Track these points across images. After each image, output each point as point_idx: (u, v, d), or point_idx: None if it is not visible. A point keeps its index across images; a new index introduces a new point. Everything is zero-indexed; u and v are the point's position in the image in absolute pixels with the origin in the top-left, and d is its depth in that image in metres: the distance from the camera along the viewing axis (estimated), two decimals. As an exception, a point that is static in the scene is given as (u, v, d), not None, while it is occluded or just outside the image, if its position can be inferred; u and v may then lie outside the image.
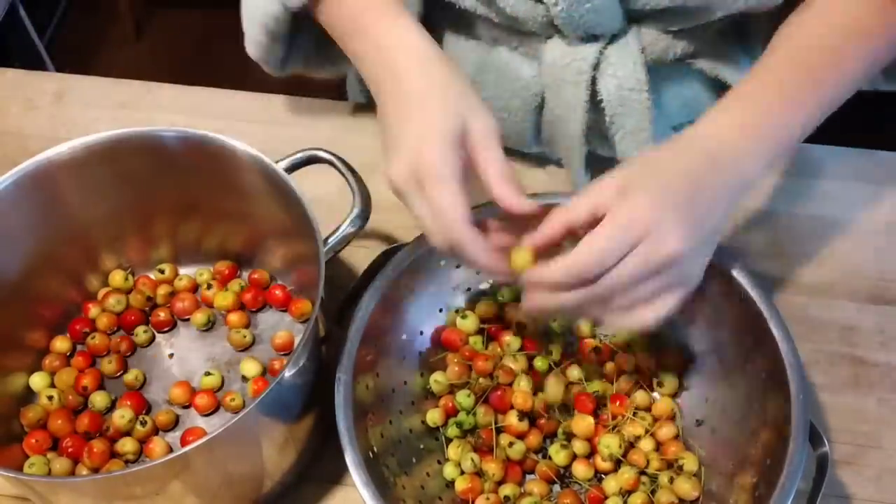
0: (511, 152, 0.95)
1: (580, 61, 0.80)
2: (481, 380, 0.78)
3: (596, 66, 0.80)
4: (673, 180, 0.63)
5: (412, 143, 0.65)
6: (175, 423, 0.80)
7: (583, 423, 0.76)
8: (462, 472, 0.75)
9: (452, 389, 0.78)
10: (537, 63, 0.83)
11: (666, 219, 0.61)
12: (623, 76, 0.80)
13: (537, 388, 0.78)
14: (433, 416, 0.77)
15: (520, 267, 0.65)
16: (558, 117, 0.84)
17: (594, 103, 0.82)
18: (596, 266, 0.61)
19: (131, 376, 0.81)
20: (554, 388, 0.76)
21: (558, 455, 0.75)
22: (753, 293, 0.72)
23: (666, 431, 0.76)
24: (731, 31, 0.84)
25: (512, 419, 0.76)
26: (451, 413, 0.78)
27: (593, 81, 0.81)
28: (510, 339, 0.80)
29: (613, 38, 0.80)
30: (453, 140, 0.64)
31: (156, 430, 0.79)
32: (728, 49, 0.84)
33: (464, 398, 0.77)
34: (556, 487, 0.76)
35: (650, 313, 0.64)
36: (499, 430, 0.77)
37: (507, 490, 0.74)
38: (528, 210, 0.65)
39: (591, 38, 0.79)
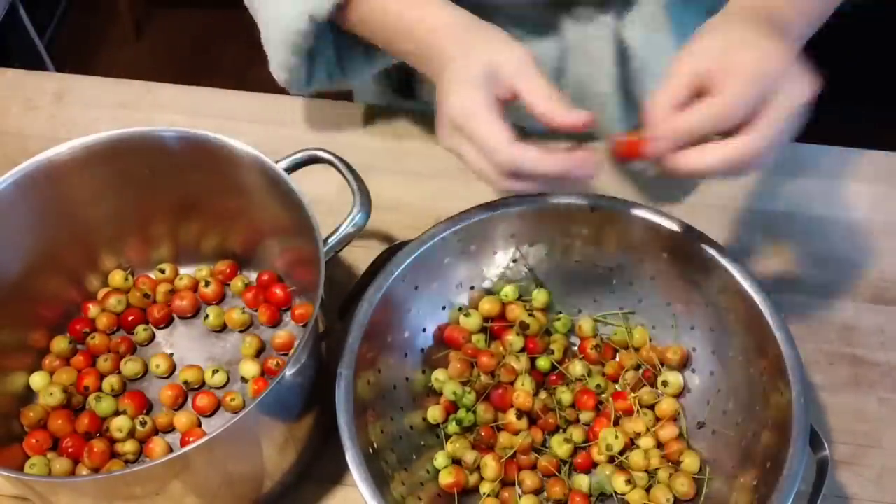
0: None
1: (603, 13, 0.81)
2: (482, 377, 0.78)
3: (618, 17, 0.81)
4: (767, 35, 0.62)
5: (443, 99, 0.66)
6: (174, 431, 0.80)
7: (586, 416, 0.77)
8: (453, 462, 0.75)
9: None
10: (552, 40, 0.83)
11: (791, 67, 0.61)
12: (647, 20, 0.81)
13: (539, 387, 0.79)
14: (434, 414, 0.77)
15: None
16: (587, 76, 0.84)
17: (620, 55, 0.83)
18: (735, 113, 0.59)
19: (130, 369, 0.82)
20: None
21: (560, 448, 0.76)
22: (755, 294, 0.72)
23: (668, 431, 0.76)
24: None
25: (511, 417, 0.76)
26: (451, 410, 0.78)
27: (618, 33, 0.82)
28: (513, 339, 0.80)
29: None
30: (479, 82, 0.65)
31: (156, 431, 0.79)
32: None
33: (463, 394, 0.77)
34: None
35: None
36: (498, 429, 0.77)
37: (486, 487, 0.74)
38: (582, 120, 0.64)
39: None
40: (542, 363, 0.79)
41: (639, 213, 0.76)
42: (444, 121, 0.67)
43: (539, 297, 0.82)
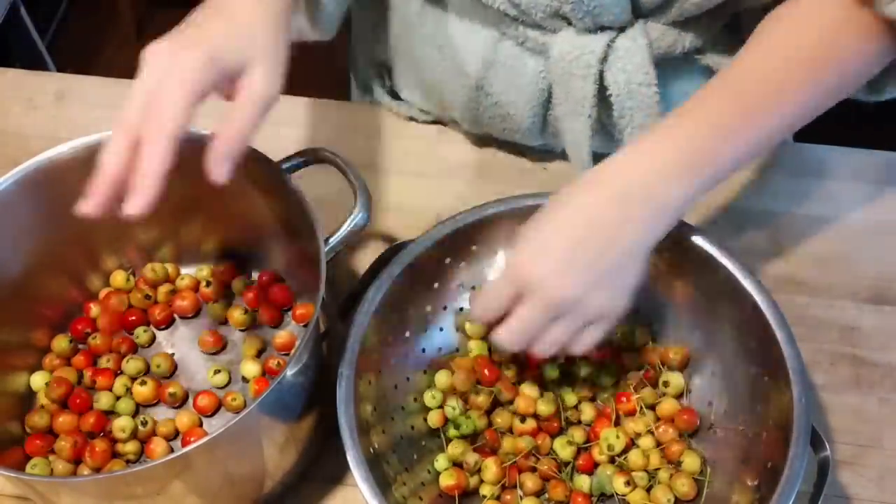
0: (515, 145, 0.95)
1: (588, 54, 0.80)
2: (482, 397, 0.77)
3: (604, 60, 0.80)
4: (560, 229, 0.66)
5: (191, 34, 0.63)
6: (175, 432, 0.79)
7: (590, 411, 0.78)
8: (454, 464, 0.75)
9: (454, 390, 0.78)
10: (544, 58, 0.83)
11: (546, 270, 0.66)
12: (632, 70, 0.80)
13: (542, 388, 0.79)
14: (433, 417, 0.77)
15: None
16: (565, 112, 0.84)
17: (601, 98, 0.82)
18: (484, 314, 0.69)
19: (132, 368, 0.82)
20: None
21: (564, 450, 0.76)
22: (756, 294, 0.72)
23: (669, 432, 0.76)
24: (736, 25, 0.84)
25: (516, 423, 0.76)
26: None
27: (601, 76, 0.81)
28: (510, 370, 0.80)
29: (621, 32, 0.80)
30: (217, 60, 0.62)
31: (156, 431, 0.79)
32: (735, 43, 0.85)
33: (452, 405, 0.77)
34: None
35: (576, 346, 0.70)
36: (502, 432, 0.77)
37: (486, 490, 0.74)
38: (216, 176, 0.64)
39: (598, 30, 0.80)
40: (551, 372, 0.79)
41: (639, 213, 0.76)
42: (166, 44, 0.63)
43: None
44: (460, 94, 0.89)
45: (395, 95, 1.01)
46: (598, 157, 0.86)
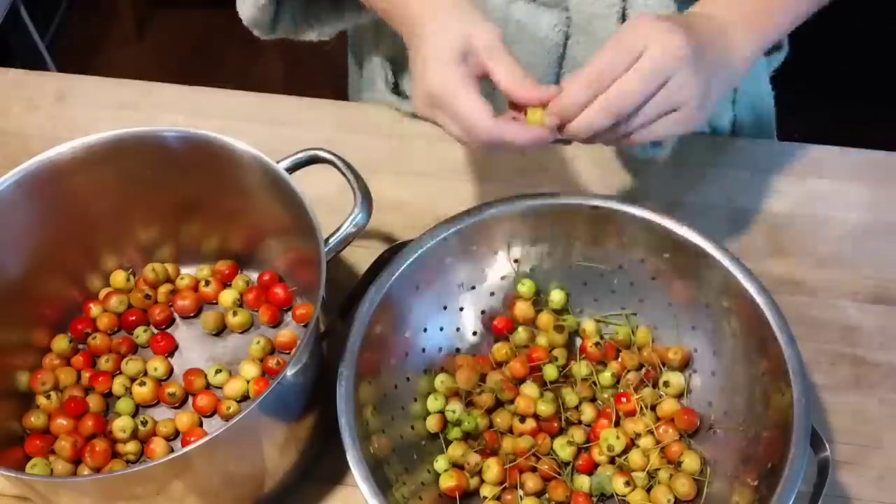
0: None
1: None
2: (484, 396, 0.78)
3: None
4: (671, 18, 0.68)
5: (419, 71, 0.69)
6: (175, 432, 0.79)
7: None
8: (453, 466, 0.75)
9: (457, 392, 0.78)
10: (558, 11, 0.84)
11: (666, 29, 0.66)
12: (653, 4, 0.82)
13: (543, 388, 0.79)
14: (431, 422, 0.77)
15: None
16: (586, 59, 0.85)
17: None
18: (607, 71, 0.66)
19: (132, 369, 0.82)
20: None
21: (564, 451, 0.76)
22: (756, 295, 0.72)
23: (671, 432, 0.76)
24: None
25: (516, 423, 0.76)
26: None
27: (623, 15, 0.83)
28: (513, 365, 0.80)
29: None
30: (454, 56, 0.67)
31: (156, 430, 0.79)
32: None
33: (453, 409, 0.77)
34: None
35: (658, 129, 0.68)
36: (503, 432, 0.77)
37: (487, 490, 0.74)
38: (544, 96, 0.67)
39: None
40: (551, 372, 0.79)
41: (639, 213, 0.76)
42: (421, 93, 0.69)
43: (555, 296, 0.82)
44: None
45: (398, 93, 1.01)
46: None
